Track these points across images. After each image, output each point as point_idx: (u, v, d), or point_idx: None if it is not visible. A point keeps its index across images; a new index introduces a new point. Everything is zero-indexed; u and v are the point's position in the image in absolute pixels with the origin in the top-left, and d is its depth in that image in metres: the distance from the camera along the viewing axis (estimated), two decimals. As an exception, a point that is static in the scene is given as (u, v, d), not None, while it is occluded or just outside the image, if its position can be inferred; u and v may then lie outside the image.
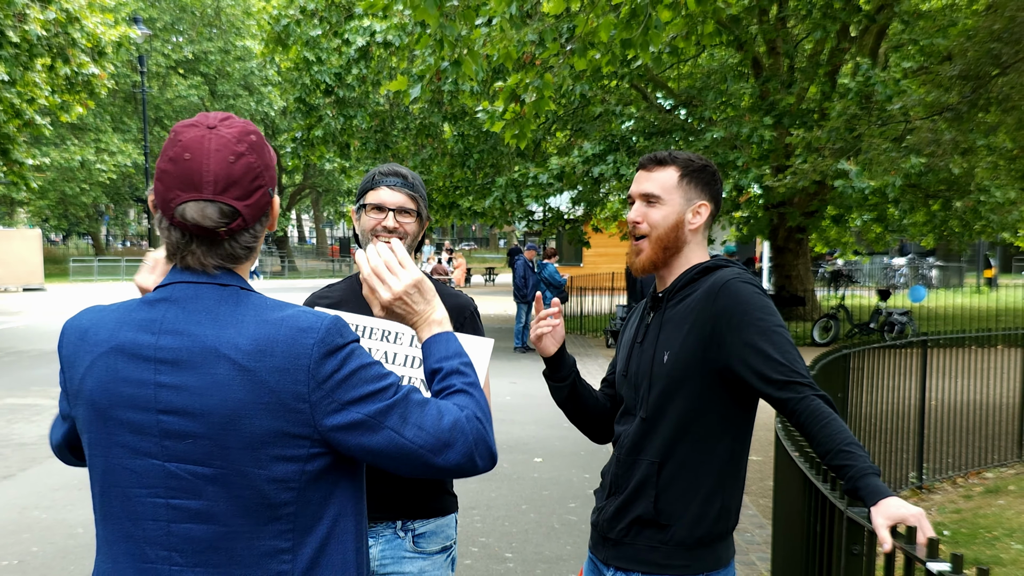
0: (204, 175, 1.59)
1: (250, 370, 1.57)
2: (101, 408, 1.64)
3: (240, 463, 1.58)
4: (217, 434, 1.57)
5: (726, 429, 2.38)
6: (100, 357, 1.65)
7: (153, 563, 1.63)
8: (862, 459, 2.10)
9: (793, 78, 17.58)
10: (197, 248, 1.65)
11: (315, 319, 1.63)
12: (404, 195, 2.65)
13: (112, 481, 1.65)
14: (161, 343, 1.61)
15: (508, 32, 7.76)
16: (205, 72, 45.19)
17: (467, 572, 5.48)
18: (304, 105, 18.62)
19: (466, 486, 7.07)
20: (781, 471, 3.63)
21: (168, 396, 1.59)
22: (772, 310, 2.31)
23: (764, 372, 2.24)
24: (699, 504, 2.36)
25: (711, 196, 2.48)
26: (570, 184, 17.91)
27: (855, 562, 2.28)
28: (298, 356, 1.58)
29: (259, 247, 1.74)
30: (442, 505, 2.71)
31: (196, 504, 1.60)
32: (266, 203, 1.69)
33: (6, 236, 34.96)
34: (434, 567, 2.67)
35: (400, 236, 2.62)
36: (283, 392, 1.57)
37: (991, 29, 10.47)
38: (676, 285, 2.46)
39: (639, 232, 2.46)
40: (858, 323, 17.34)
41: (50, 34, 16.29)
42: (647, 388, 2.42)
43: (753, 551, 5.87)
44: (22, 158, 17.93)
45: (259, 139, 1.69)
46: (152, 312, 1.65)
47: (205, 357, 1.58)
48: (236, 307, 1.63)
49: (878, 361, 7.16)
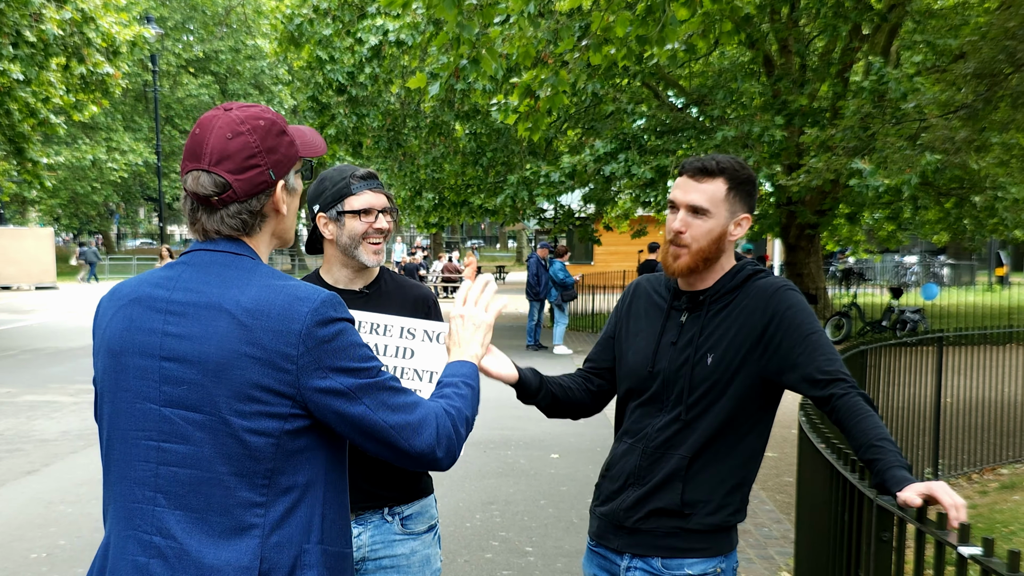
0: (204, 147, 1.78)
1: (247, 326, 1.71)
2: (115, 353, 1.81)
3: (226, 411, 1.71)
4: (210, 381, 1.71)
5: (753, 426, 2.47)
6: (121, 308, 1.83)
7: (139, 503, 1.76)
8: (893, 454, 2.17)
9: (805, 77, 17.56)
10: (202, 214, 1.82)
11: (313, 292, 1.77)
12: (384, 195, 2.77)
13: (115, 424, 1.81)
14: (173, 297, 1.78)
15: (526, 30, 7.79)
16: (216, 71, 45.29)
17: (488, 566, 5.53)
18: (316, 104, 18.67)
19: (484, 483, 7.13)
20: (806, 463, 3.67)
21: (172, 344, 1.75)
22: (815, 316, 2.43)
23: (812, 375, 2.33)
24: (722, 495, 2.44)
25: (751, 207, 2.52)
26: (581, 182, 17.93)
27: (885, 548, 2.33)
28: (291, 320, 1.72)
29: (259, 223, 1.87)
30: (423, 485, 2.83)
31: (184, 448, 1.73)
32: (262, 183, 1.83)
33: (18, 235, 35.12)
34: (424, 546, 2.78)
35: (384, 235, 2.76)
36: (273, 351, 1.71)
37: (1005, 27, 10.47)
38: (719, 289, 2.51)
39: (681, 242, 2.48)
40: (870, 321, 17.33)
41: (66, 34, 16.37)
42: (687, 388, 2.46)
43: (772, 545, 5.91)
44: (36, 157, 18.03)
45: (270, 125, 1.85)
46: (171, 272, 1.83)
47: (209, 310, 1.74)
48: (245, 272, 1.79)
49: (894, 358, 7.19)
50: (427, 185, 20.09)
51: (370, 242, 2.73)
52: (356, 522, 2.71)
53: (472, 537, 6.04)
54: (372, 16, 17.27)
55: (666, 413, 2.49)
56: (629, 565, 2.50)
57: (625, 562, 2.51)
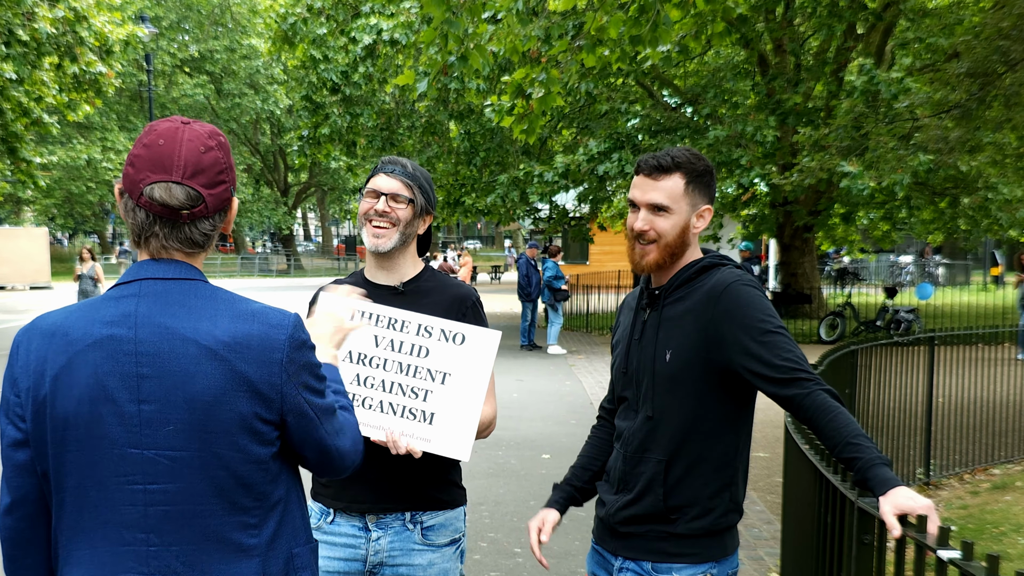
0: (175, 159, 1.73)
1: (228, 360, 1.71)
2: (86, 401, 1.70)
3: (217, 446, 1.71)
4: (198, 420, 1.70)
5: (729, 425, 2.43)
6: (79, 355, 1.71)
7: (131, 545, 1.73)
8: (870, 450, 2.14)
9: (799, 76, 17.56)
10: (160, 230, 1.75)
11: (282, 317, 1.80)
12: (400, 182, 2.69)
13: (91, 473, 1.72)
14: (140, 336, 1.71)
15: (514, 27, 7.77)
16: (211, 71, 45.19)
17: (476, 567, 5.51)
18: (310, 103, 18.63)
19: (474, 482, 7.10)
20: (791, 464, 3.65)
21: (149, 387, 1.70)
22: (772, 312, 2.36)
23: (767, 373, 2.28)
24: (707, 498, 2.41)
25: (711, 197, 2.50)
26: (575, 182, 17.92)
27: (866, 551, 2.31)
28: (272, 350, 1.75)
29: (213, 241, 1.86)
30: (451, 497, 2.75)
31: (172, 487, 1.72)
32: (227, 199, 1.82)
33: (12, 235, 35.11)
34: (443, 559, 2.69)
35: (392, 221, 2.67)
36: (260, 382, 1.73)
37: (999, 26, 10.44)
38: (673, 283, 2.48)
39: (648, 238, 2.46)
40: (864, 321, 17.33)
41: (58, 32, 16.33)
42: (650, 386, 2.45)
43: (761, 546, 5.89)
44: (30, 156, 17.97)
45: (226, 142, 1.84)
46: (122, 307, 1.74)
47: (186, 348, 1.70)
48: (207, 301, 1.76)
49: (886, 358, 7.17)
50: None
51: (373, 224, 2.68)
52: (376, 526, 2.66)
53: (461, 538, 6.01)
54: (366, 15, 17.23)
55: (639, 414, 2.48)
56: (621, 567, 2.50)
57: (618, 563, 2.51)
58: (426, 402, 2.58)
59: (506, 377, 12.99)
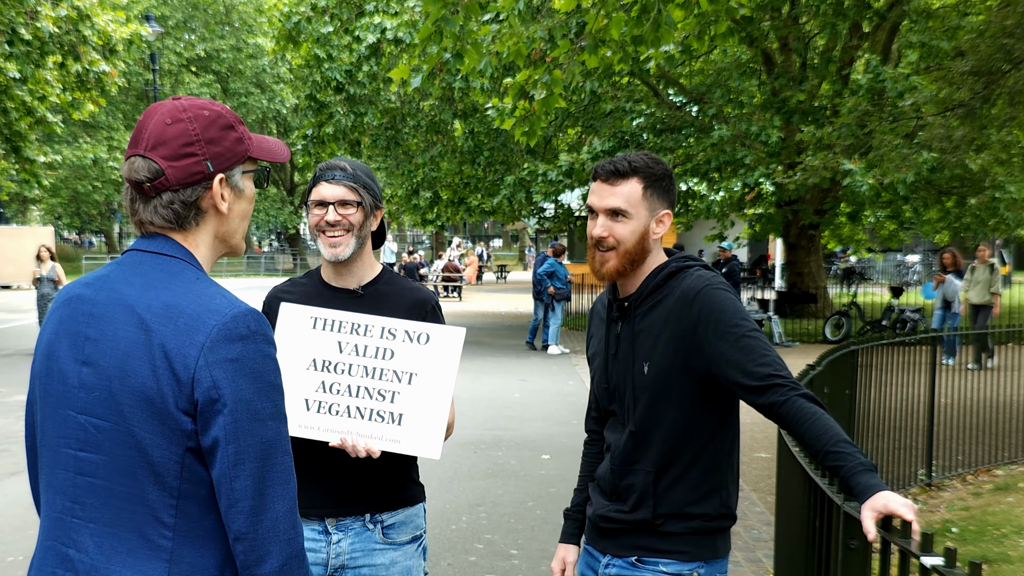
0: (143, 132, 1.72)
1: (152, 331, 1.62)
2: (46, 356, 1.74)
3: (129, 421, 1.62)
4: (114, 388, 1.63)
5: (714, 430, 2.43)
6: (56, 309, 1.77)
7: (60, 514, 1.70)
8: (852, 456, 2.12)
9: (805, 75, 17.51)
10: (139, 204, 1.75)
11: (229, 305, 1.66)
12: (344, 187, 2.64)
13: (43, 430, 1.75)
14: (97, 298, 1.71)
15: (517, 28, 7.73)
16: (217, 70, 45.24)
17: (473, 569, 5.47)
18: (315, 102, 18.65)
19: (472, 484, 7.07)
20: (783, 467, 3.62)
21: (88, 348, 1.68)
22: (745, 314, 2.35)
23: (744, 381, 2.27)
24: (696, 505, 2.42)
25: (671, 202, 2.47)
26: (580, 181, 17.89)
27: (852, 556, 2.28)
28: (196, 331, 1.61)
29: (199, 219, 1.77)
30: (411, 495, 2.75)
31: (97, 458, 1.66)
32: (198, 173, 1.72)
33: (18, 234, 35.19)
34: (405, 557, 2.70)
35: (345, 228, 2.63)
36: (174, 359, 1.60)
37: (1003, 25, 10.38)
38: (642, 292, 2.46)
39: (607, 245, 2.44)
40: (870, 320, 17.26)
41: (61, 31, 16.33)
42: (632, 401, 2.44)
43: (760, 548, 5.84)
44: (33, 156, 17.98)
45: (215, 117, 1.76)
46: (104, 271, 1.77)
47: (121, 313, 1.66)
48: (168, 276, 1.70)
49: (888, 357, 7.12)
50: (423, 183, 20.07)
51: (327, 235, 2.64)
52: (336, 528, 2.65)
53: (457, 540, 5.98)
54: (370, 14, 17.25)
55: (624, 427, 2.48)
56: (608, 562, 2.51)
57: (605, 559, 2.53)
58: (393, 403, 2.57)
59: (508, 377, 12.96)
